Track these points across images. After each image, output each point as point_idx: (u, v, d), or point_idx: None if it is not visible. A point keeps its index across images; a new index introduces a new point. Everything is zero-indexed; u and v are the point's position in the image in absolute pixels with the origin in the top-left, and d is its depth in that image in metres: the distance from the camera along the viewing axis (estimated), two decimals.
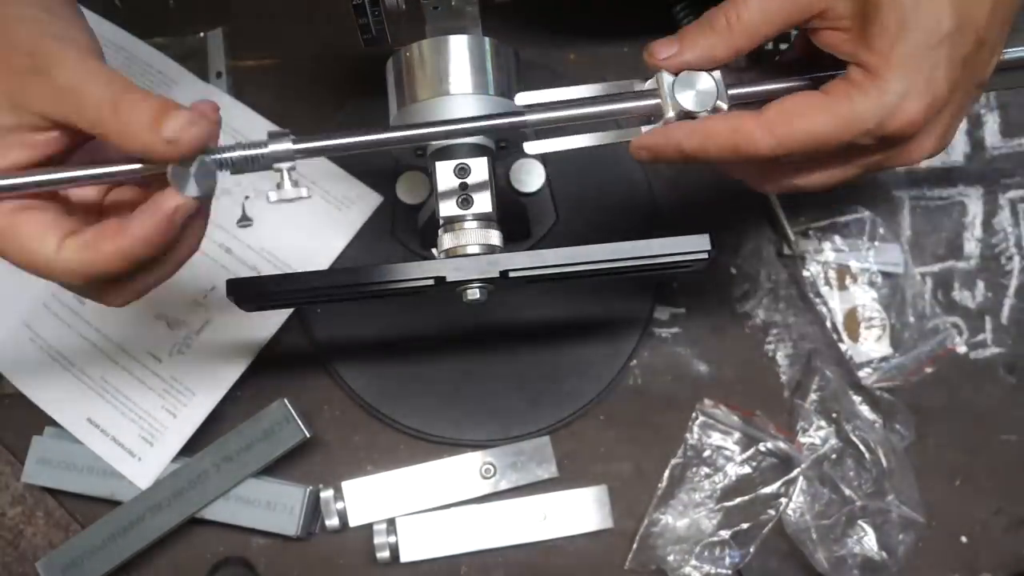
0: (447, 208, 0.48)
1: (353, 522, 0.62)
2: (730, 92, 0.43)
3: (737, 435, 0.62)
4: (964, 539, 0.62)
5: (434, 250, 0.49)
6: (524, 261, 0.45)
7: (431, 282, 0.45)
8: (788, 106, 0.40)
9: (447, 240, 0.48)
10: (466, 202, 0.48)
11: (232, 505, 0.61)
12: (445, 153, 0.49)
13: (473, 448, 0.63)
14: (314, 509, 0.62)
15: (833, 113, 0.39)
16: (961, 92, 0.40)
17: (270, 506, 0.61)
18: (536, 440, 0.63)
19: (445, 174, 0.48)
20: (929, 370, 0.64)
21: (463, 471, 0.62)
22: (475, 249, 0.47)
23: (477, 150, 0.48)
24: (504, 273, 0.45)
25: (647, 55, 0.42)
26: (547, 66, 0.66)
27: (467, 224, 0.48)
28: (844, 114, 0.39)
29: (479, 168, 0.48)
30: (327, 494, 0.62)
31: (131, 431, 0.62)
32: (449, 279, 0.45)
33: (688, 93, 0.42)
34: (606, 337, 0.64)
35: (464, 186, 0.48)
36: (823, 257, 0.65)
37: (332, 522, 0.61)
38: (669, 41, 0.42)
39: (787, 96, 0.40)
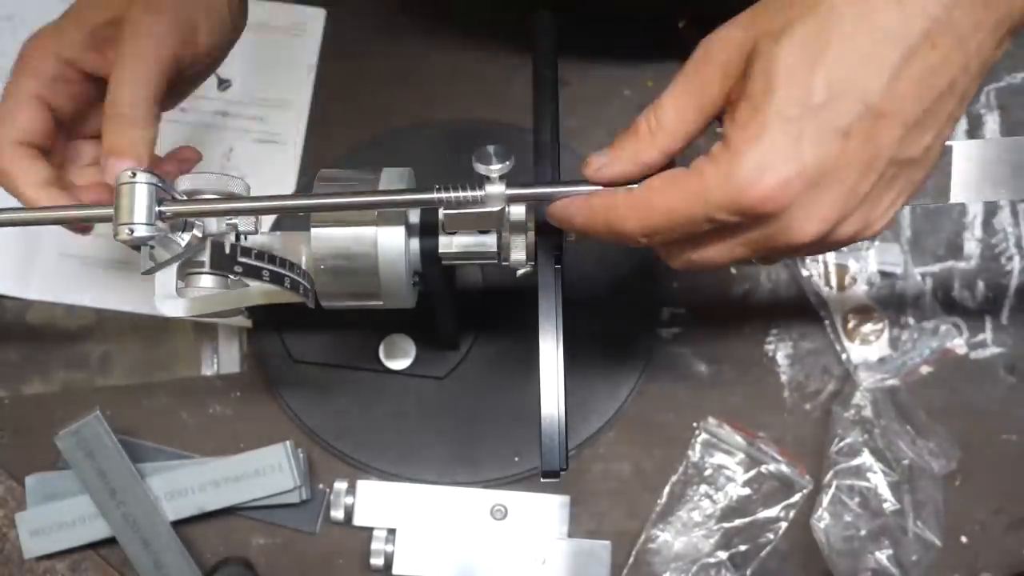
0: None
1: (357, 521, 0.62)
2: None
3: (740, 456, 0.62)
4: (964, 539, 0.62)
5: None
6: None
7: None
8: (653, 183, 0.38)
9: None
10: None
11: (223, 490, 0.61)
12: None
13: (486, 485, 0.63)
14: (315, 488, 0.62)
15: (685, 189, 0.37)
16: (854, 170, 0.35)
17: (259, 473, 0.61)
18: (556, 497, 0.62)
19: None
20: (929, 370, 0.64)
21: (474, 505, 0.62)
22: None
23: None
24: None
25: (584, 168, 0.41)
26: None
27: None
28: (695, 189, 0.36)
29: None
30: (340, 485, 0.62)
31: None
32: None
33: None
34: (611, 360, 0.64)
35: None
36: (823, 257, 0.65)
37: (337, 514, 0.61)
38: (602, 152, 0.41)
39: (659, 173, 0.39)
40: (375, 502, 0.62)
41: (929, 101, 0.35)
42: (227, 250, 0.43)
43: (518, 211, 0.48)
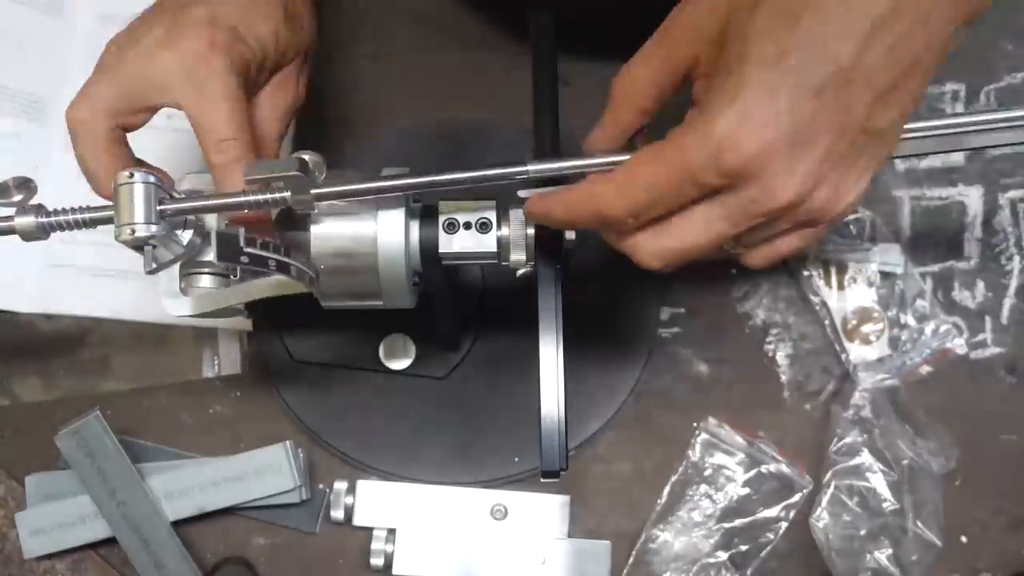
0: None
1: (357, 521, 0.62)
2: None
3: (740, 456, 0.62)
4: (964, 539, 0.62)
5: None
6: None
7: None
8: (632, 162, 0.38)
9: None
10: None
11: (223, 490, 0.61)
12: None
13: (486, 485, 0.63)
14: (315, 488, 0.62)
15: (666, 158, 0.37)
16: (829, 132, 0.36)
17: (259, 473, 0.61)
18: (556, 497, 0.62)
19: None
20: (929, 370, 0.64)
21: (474, 505, 0.62)
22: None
23: None
24: None
25: (587, 150, 0.43)
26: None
27: None
28: (676, 157, 0.37)
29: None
30: (340, 485, 0.62)
31: None
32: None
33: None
34: (611, 360, 0.64)
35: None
36: (823, 257, 0.65)
37: (337, 514, 0.61)
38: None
39: (638, 151, 0.39)
40: (375, 502, 0.62)
41: (897, 72, 0.36)
42: (233, 241, 0.43)
43: (517, 210, 0.48)
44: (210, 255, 0.45)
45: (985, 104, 0.68)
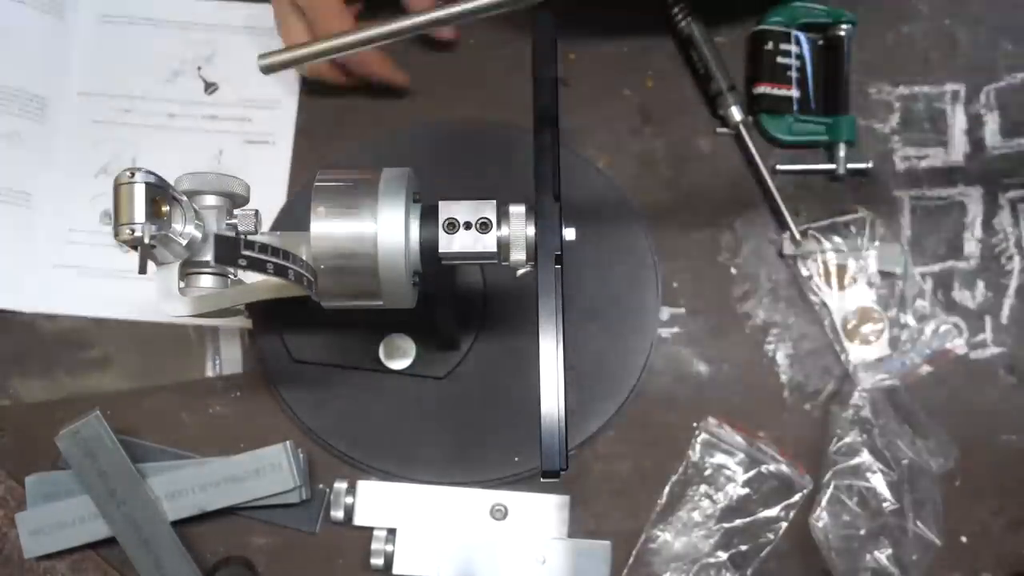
0: None
1: (357, 521, 0.62)
2: None
3: (740, 456, 0.62)
4: (964, 539, 0.62)
5: None
6: None
7: None
8: None
9: None
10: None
11: (223, 490, 0.61)
12: None
13: (486, 485, 0.63)
14: (315, 488, 0.62)
15: None
16: None
17: (259, 473, 0.61)
18: (556, 497, 0.62)
19: None
20: (929, 370, 0.64)
21: (474, 505, 0.62)
22: None
23: None
24: None
25: None
26: None
27: None
28: None
29: None
30: (340, 485, 0.62)
31: None
32: None
33: None
34: (611, 360, 0.64)
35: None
36: (823, 257, 0.65)
37: (337, 514, 0.61)
38: None
39: None
40: (375, 502, 0.62)
41: None
42: (231, 243, 0.44)
43: (517, 210, 0.48)
44: (209, 255, 0.45)
45: (984, 103, 0.68)
